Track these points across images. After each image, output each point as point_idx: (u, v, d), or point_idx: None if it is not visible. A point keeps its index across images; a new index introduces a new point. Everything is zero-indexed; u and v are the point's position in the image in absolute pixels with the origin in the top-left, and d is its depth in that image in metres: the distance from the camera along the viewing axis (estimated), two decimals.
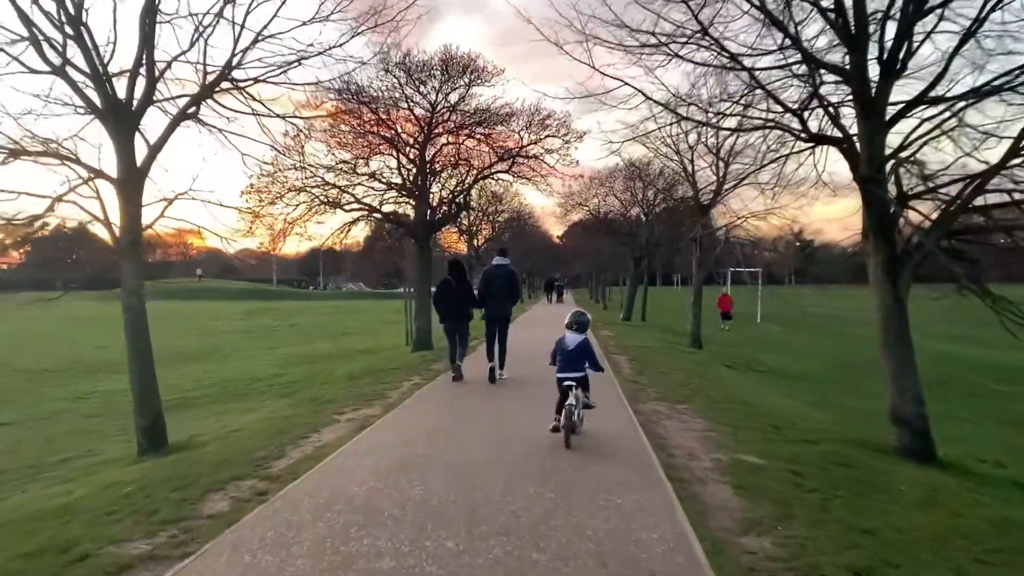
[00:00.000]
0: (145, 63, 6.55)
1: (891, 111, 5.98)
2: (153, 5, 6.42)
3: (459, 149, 15.26)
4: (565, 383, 5.46)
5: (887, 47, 5.82)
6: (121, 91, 6.50)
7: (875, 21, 5.85)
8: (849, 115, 6.30)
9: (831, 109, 6.33)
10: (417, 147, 14.21)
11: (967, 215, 5.83)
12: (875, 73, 5.90)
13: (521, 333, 13.42)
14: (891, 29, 5.80)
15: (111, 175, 6.52)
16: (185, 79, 7.08)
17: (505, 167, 15.55)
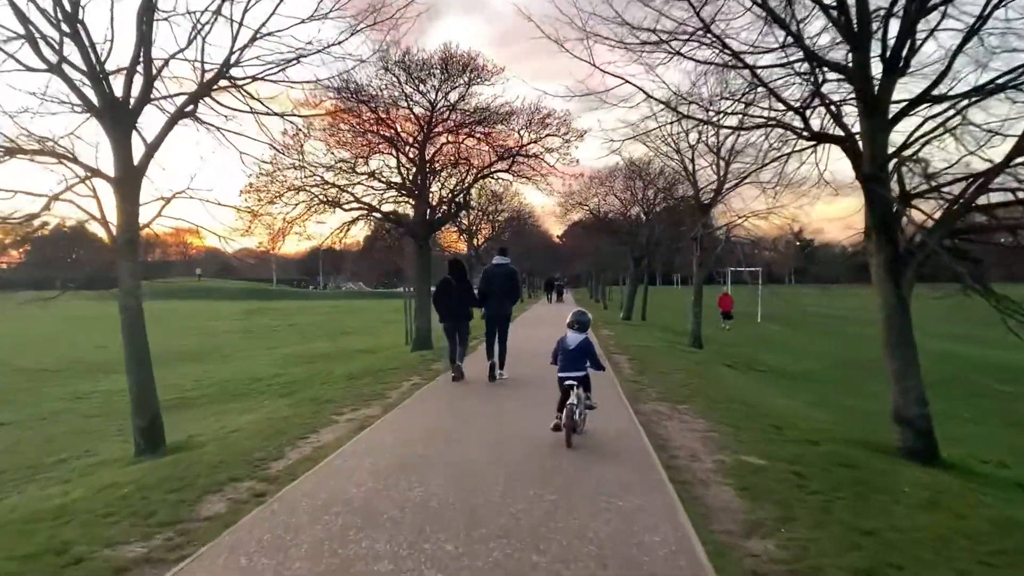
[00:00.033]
0: (142, 61, 6.50)
1: (894, 109, 5.95)
2: (151, 2, 6.38)
3: (459, 148, 15.22)
4: (566, 382, 5.44)
5: (890, 45, 5.78)
6: (118, 89, 6.46)
7: (878, 18, 5.82)
8: (851, 113, 6.27)
9: (833, 107, 6.31)
10: (417, 146, 14.17)
11: (970, 214, 5.80)
12: (878, 71, 5.87)
13: (521, 333, 13.38)
14: (894, 26, 5.78)
15: (108, 174, 6.47)
16: (183, 77, 7.03)
17: (505, 166, 15.51)
